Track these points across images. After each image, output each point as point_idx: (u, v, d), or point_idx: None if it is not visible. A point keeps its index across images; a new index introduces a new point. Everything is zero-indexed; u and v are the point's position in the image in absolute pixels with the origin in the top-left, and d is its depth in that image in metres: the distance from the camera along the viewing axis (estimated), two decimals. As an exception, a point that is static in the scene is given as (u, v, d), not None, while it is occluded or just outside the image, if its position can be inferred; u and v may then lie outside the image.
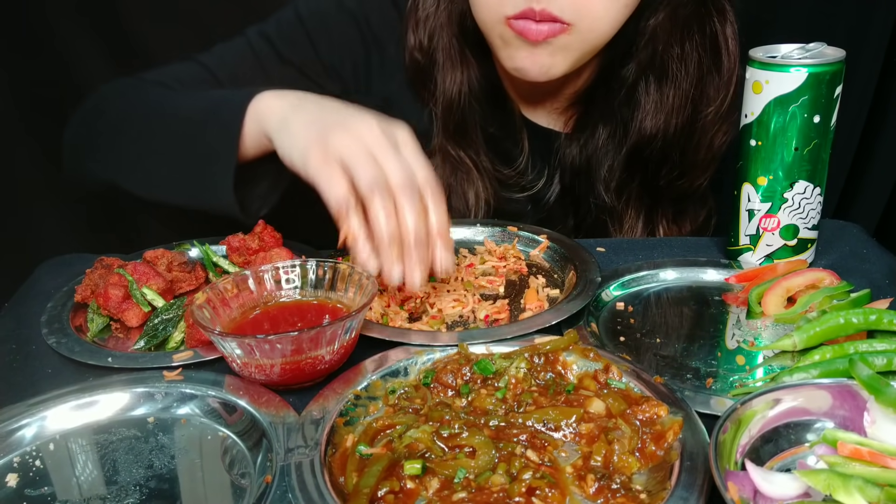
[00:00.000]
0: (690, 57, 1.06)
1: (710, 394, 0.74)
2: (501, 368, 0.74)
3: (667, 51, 1.06)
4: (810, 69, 0.87)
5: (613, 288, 0.95)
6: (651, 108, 1.08)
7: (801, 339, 0.79)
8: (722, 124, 1.09)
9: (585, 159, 1.15)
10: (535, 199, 1.21)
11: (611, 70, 1.10)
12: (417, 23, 1.09)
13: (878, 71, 1.47)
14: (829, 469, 0.58)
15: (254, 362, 0.73)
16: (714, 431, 0.59)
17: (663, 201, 1.18)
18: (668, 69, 1.07)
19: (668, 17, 1.03)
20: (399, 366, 0.77)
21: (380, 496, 0.61)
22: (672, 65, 1.06)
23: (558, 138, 1.17)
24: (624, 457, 0.64)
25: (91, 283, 0.92)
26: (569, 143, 1.16)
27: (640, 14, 1.03)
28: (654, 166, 1.13)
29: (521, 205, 1.21)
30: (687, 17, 1.04)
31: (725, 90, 1.08)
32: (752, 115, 0.91)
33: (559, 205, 1.21)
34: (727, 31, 1.07)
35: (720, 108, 1.08)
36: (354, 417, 0.71)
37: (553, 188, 1.19)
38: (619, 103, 1.11)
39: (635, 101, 1.09)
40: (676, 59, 1.06)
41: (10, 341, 0.88)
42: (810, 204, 0.94)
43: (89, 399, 0.75)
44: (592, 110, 1.14)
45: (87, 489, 0.65)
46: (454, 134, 1.13)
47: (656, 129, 1.08)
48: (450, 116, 1.11)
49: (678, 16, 1.03)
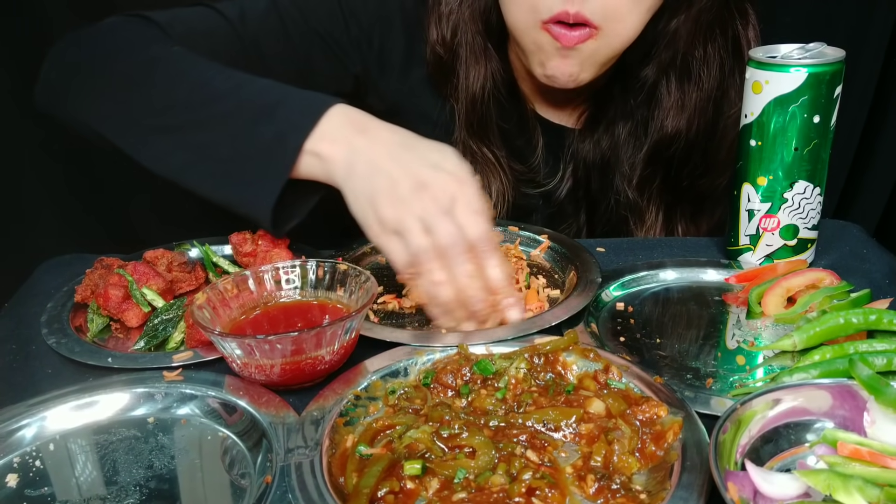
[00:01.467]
0: (713, 59, 1.07)
1: (710, 394, 0.74)
2: (501, 369, 0.74)
3: (689, 52, 1.06)
4: (810, 69, 0.87)
5: (613, 288, 0.95)
6: (673, 108, 1.09)
7: (801, 339, 0.79)
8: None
9: (601, 155, 1.16)
10: (546, 194, 1.21)
11: (628, 70, 1.10)
12: (440, 17, 1.09)
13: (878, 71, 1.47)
14: (828, 469, 0.58)
15: (254, 362, 0.73)
16: (714, 431, 0.59)
17: (683, 200, 1.18)
18: (690, 70, 1.07)
19: (691, 18, 1.04)
20: (399, 366, 0.77)
21: (380, 496, 0.61)
22: (694, 66, 1.07)
23: (571, 134, 1.17)
24: (624, 457, 0.64)
25: (91, 284, 0.92)
26: (582, 139, 1.16)
27: (660, 17, 1.03)
28: (676, 165, 1.13)
29: (534, 200, 1.21)
30: (709, 19, 1.04)
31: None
32: (752, 115, 0.91)
33: (570, 200, 1.21)
34: (749, 34, 1.07)
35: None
36: (354, 418, 0.71)
37: (565, 184, 1.20)
38: (638, 102, 1.11)
39: (656, 101, 1.10)
40: (699, 60, 1.07)
41: (10, 341, 0.88)
42: (810, 204, 0.94)
43: (89, 399, 0.75)
44: (607, 108, 1.14)
45: (87, 489, 0.65)
46: (477, 129, 1.13)
47: (677, 128, 1.09)
48: (473, 112, 1.11)
49: (701, 18, 1.04)
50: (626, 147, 1.14)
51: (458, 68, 1.10)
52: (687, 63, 1.07)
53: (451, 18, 1.08)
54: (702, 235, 1.19)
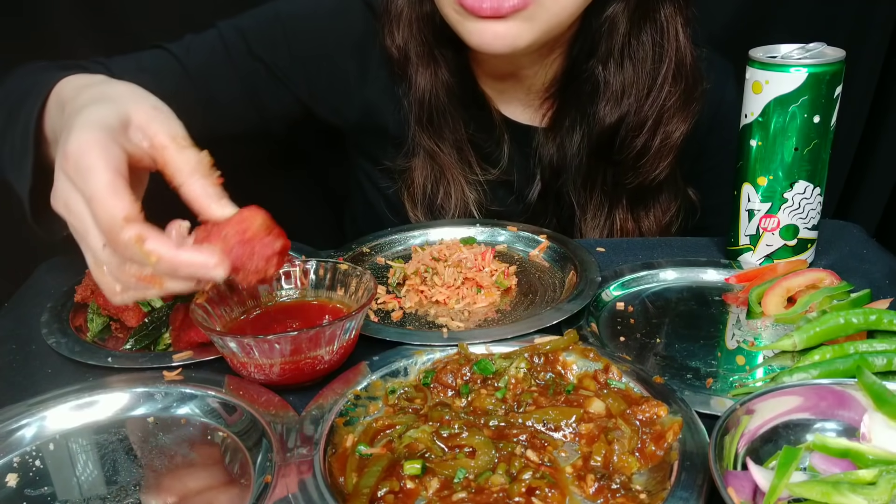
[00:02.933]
0: (646, 47, 1.07)
1: (710, 394, 0.74)
2: (501, 368, 0.74)
3: (623, 42, 1.07)
4: (810, 69, 0.87)
5: (613, 288, 0.95)
6: (611, 96, 1.09)
7: (801, 340, 0.79)
8: (678, 115, 1.10)
9: (561, 155, 1.16)
10: (518, 198, 1.22)
11: (578, 65, 1.11)
12: (391, 21, 1.10)
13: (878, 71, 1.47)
14: (818, 479, 0.58)
15: (253, 362, 0.73)
16: (714, 431, 0.59)
17: (624, 195, 1.18)
18: (623, 59, 1.08)
19: (623, 7, 1.04)
20: (399, 366, 0.77)
21: (380, 496, 0.61)
22: (628, 54, 1.07)
23: (537, 134, 1.17)
24: (624, 457, 0.64)
25: (91, 283, 0.92)
26: (545, 139, 1.17)
27: (603, 7, 1.04)
28: (614, 153, 1.13)
29: (511, 205, 1.21)
30: (641, 8, 1.05)
31: (680, 81, 1.08)
32: (752, 115, 0.91)
33: (541, 203, 1.21)
34: (678, 23, 1.07)
35: (675, 98, 1.09)
36: (354, 417, 0.71)
37: (535, 186, 1.20)
38: (586, 98, 1.12)
39: (598, 92, 1.10)
40: (633, 48, 1.07)
41: (10, 341, 0.88)
42: (810, 204, 0.94)
43: (89, 399, 0.75)
44: (565, 106, 1.15)
45: (87, 489, 0.65)
46: (427, 124, 1.13)
47: (614, 117, 1.09)
48: (422, 109, 1.12)
49: (631, 6, 1.04)
50: (573, 143, 1.15)
51: (410, 71, 1.11)
52: (621, 53, 1.07)
53: (400, 21, 1.10)
54: (644, 232, 1.19)
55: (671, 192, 1.20)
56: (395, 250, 1.08)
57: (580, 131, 1.14)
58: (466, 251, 0.98)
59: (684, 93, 1.09)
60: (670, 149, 1.11)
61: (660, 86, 1.08)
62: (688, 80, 1.09)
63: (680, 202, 1.21)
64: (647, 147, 1.10)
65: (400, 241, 1.09)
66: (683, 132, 1.10)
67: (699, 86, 1.10)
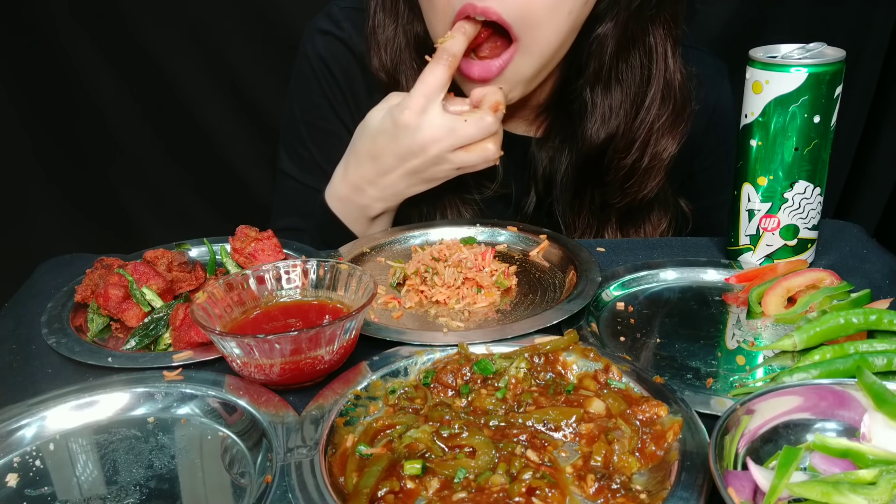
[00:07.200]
0: (633, 69, 1.09)
1: (710, 394, 0.74)
2: (501, 368, 0.74)
3: (611, 63, 1.08)
4: (810, 69, 0.87)
5: (613, 288, 0.95)
6: (598, 117, 1.10)
7: (801, 339, 0.79)
8: (667, 135, 1.10)
9: (553, 168, 1.18)
10: (516, 209, 1.23)
11: (568, 83, 1.12)
12: (378, 46, 1.12)
13: (878, 71, 1.47)
14: (818, 479, 0.58)
15: (253, 362, 0.73)
16: (714, 431, 0.59)
17: (613, 215, 1.19)
18: (611, 81, 1.09)
19: (612, 29, 1.05)
20: (399, 366, 0.77)
21: (380, 496, 0.61)
22: (615, 76, 1.09)
23: (531, 143, 1.19)
24: (624, 457, 0.64)
25: (91, 283, 0.92)
26: (539, 149, 1.18)
27: (593, 28, 1.05)
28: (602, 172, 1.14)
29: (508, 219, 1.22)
30: (630, 30, 1.06)
31: (669, 102, 1.09)
32: (752, 115, 0.91)
33: (537, 215, 1.22)
34: (668, 45, 1.08)
35: (663, 120, 1.09)
36: (354, 417, 0.71)
37: (531, 198, 1.21)
38: (575, 116, 1.13)
39: (586, 110, 1.11)
40: (621, 70, 1.08)
41: (10, 341, 0.88)
42: (810, 204, 0.94)
43: (89, 399, 0.75)
44: (556, 123, 1.17)
45: (87, 489, 0.65)
46: None
47: (601, 136, 1.10)
48: None
49: (620, 28, 1.05)
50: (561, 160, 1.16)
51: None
52: (609, 73, 1.08)
53: (388, 47, 1.12)
54: None
55: (662, 207, 1.20)
56: (395, 250, 1.08)
57: (569, 148, 1.15)
58: (466, 251, 0.98)
59: (673, 113, 1.09)
60: (659, 168, 1.11)
61: (647, 107, 1.09)
62: (676, 101, 1.09)
63: (671, 216, 1.22)
64: (635, 167, 1.11)
65: (400, 240, 1.09)
66: (672, 152, 1.11)
67: (688, 106, 1.11)
